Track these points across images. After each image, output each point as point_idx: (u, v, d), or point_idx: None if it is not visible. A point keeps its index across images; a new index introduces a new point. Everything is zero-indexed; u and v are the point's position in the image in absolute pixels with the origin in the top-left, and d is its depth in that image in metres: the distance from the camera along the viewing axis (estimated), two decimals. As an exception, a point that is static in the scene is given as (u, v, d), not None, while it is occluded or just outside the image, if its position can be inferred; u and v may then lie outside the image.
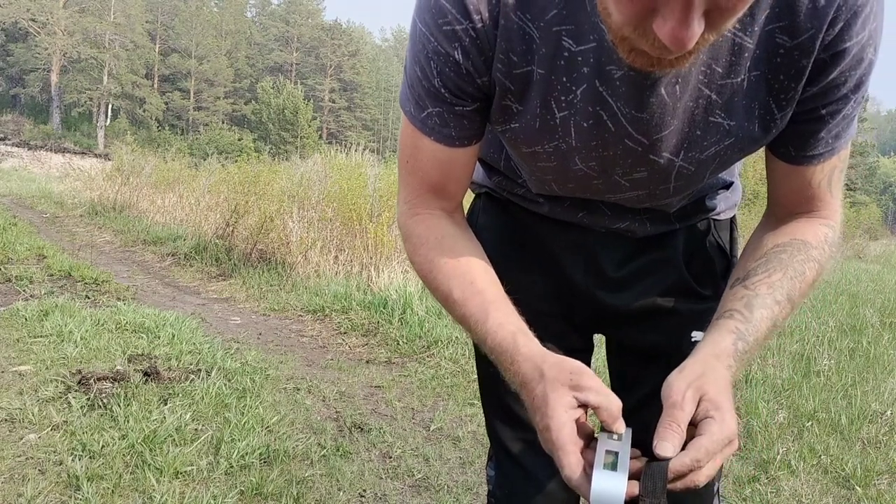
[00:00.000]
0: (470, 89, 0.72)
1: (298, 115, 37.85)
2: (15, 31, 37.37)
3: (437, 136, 0.76)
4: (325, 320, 4.67)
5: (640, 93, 0.68)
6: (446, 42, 0.69)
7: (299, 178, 7.86)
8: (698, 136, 0.70)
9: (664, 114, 0.69)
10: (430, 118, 0.75)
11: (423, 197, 0.83)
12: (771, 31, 0.64)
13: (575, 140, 0.73)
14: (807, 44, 0.64)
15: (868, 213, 25.35)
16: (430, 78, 0.72)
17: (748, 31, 0.64)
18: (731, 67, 0.66)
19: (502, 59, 0.69)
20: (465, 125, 0.76)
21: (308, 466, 2.35)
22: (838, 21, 0.62)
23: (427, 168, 0.80)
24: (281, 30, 52.31)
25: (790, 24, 0.63)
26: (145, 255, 7.40)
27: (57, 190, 13.78)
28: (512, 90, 0.72)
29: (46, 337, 3.44)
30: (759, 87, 0.67)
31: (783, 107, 0.68)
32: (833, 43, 0.63)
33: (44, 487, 2.00)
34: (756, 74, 0.66)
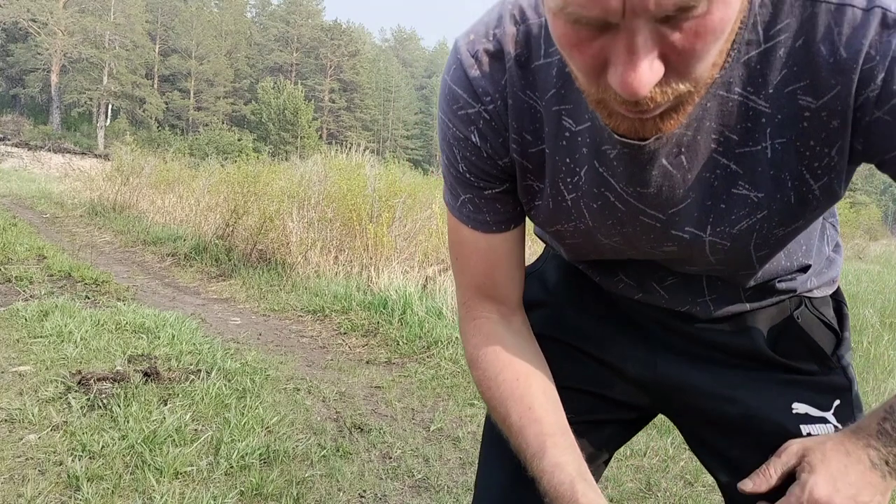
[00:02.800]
0: (494, 171, 0.72)
1: (299, 115, 37.85)
2: (15, 31, 37.37)
3: (473, 223, 0.75)
4: (325, 321, 4.67)
5: (640, 168, 0.64)
6: (463, 127, 0.69)
7: (299, 178, 7.86)
8: (723, 209, 0.64)
9: (673, 186, 0.64)
10: (464, 206, 0.75)
11: (477, 299, 0.80)
12: (792, 92, 0.56)
13: (590, 220, 0.71)
14: (834, 103, 0.56)
15: (868, 214, 25.36)
16: (456, 164, 0.72)
17: (761, 93, 0.57)
18: (748, 135, 0.60)
19: (516, 139, 0.69)
20: (499, 209, 0.75)
21: (308, 467, 2.35)
22: (876, 71, 0.53)
23: (472, 262, 0.79)
24: (281, 30, 52.31)
25: (812, 82, 0.55)
26: (145, 255, 7.40)
27: (57, 190, 13.78)
28: (530, 169, 0.71)
29: (46, 337, 3.44)
30: (788, 155, 0.59)
31: (819, 176, 0.60)
32: (883, 97, 0.54)
33: (44, 488, 2.00)
34: (781, 142, 0.59)
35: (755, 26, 0.56)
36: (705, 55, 0.48)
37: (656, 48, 0.46)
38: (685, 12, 0.44)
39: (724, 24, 0.46)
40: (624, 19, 0.45)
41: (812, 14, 0.54)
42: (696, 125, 0.60)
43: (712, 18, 0.45)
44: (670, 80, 0.48)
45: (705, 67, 0.49)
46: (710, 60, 0.49)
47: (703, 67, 0.49)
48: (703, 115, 0.59)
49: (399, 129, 55.36)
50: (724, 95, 0.58)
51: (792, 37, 0.55)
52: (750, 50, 0.56)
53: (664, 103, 0.50)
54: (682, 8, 0.44)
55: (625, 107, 0.51)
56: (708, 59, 0.49)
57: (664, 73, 0.48)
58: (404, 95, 56.50)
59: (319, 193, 7.00)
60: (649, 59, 0.46)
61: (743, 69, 0.57)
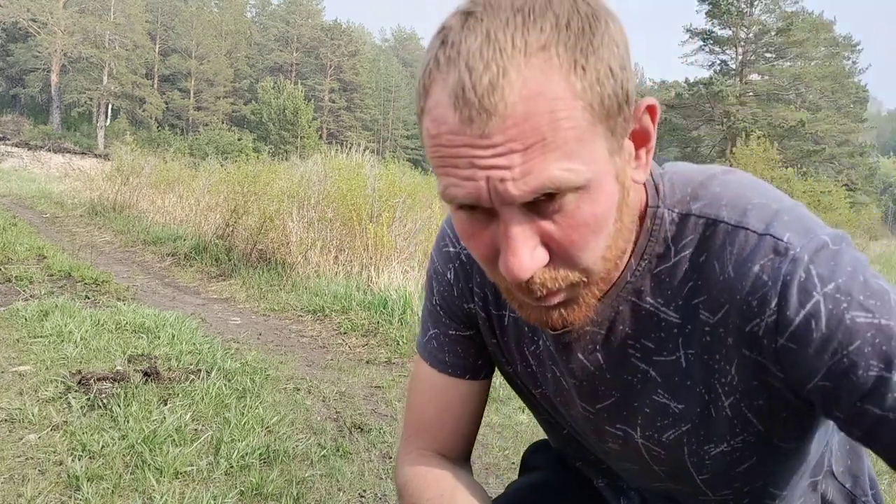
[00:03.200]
0: (460, 313, 0.74)
1: (299, 115, 37.84)
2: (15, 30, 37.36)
3: (432, 360, 0.77)
4: (325, 320, 4.67)
5: (563, 357, 0.65)
6: (443, 262, 0.74)
7: (299, 178, 7.86)
8: (647, 413, 0.64)
9: (594, 382, 0.65)
10: (430, 342, 0.77)
11: (419, 439, 0.78)
12: (695, 305, 0.57)
13: (549, 391, 0.71)
14: (726, 321, 0.55)
15: (868, 214, 25.37)
16: (431, 297, 0.76)
17: (671, 305, 0.59)
18: (662, 344, 0.60)
19: (478, 293, 0.72)
20: (459, 353, 0.76)
21: (308, 467, 2.35)
22: (769, 297, 0.52)
23: (424, 399, 0.78)
24: (281, 30, 52.30)
25: (708, 297, 0.56)
26: (145, 255, 7.39)
27: (57, 190, 13.78)
28: (493, 329, 0.73)
29: (46, 337, 3.44)
30: (699, 367, 0.59)
31: (728, 393, 0.58)
32: (780, 322, 0.52)
33: (44, 488, 2.00)
34: (692, 353, 0.59)
35: (665, 241, 0.58)
36: (585, 247, 0.51)
37: (536, 236, 0.50)
38: (550, 201, 0.49)
39: (596, 218, 0.50)
40: (497, 207, 0.49)
41: (712, 232, 0.56)
42: (609, 325, 0.62)
43: (581, 212, 0.50)
44: (558, 268, 0.52)
45: (592, 259, 0.53)
46: (597, 253, 0.53)
47: (590, 259, 0.52)
48: (616, 318, 0.61)
49: (399, 128, 55.36)
50: (635, 303, 0.60)
51: (693, 252, 0.57)
52: (660, 263, 0.59)
53: (557, 290, 0.53)
54: (545, 196, 0.48)
55: (522, 293, 0.54)
56: (592, 252, 0.52)
57: (550, 260, 0.51)
58: (404, 95, 56.48)
59: (319, 193, 7.00)
60: (529, 246, 0.50)
61: (654, 280, 0.59)
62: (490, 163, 0.47)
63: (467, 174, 0.49)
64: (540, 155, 0.47)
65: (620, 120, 0.51)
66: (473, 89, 0.46)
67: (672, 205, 0.58)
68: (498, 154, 0.47)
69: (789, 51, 31.23)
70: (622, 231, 0.55)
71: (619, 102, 0.50)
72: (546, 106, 0.46)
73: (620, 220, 0.54)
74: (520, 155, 0.47)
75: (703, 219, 0.57)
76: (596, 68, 0.48)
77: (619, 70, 0.49)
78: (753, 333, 0.54)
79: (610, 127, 0.50)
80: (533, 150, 0.47)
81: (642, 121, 0.54)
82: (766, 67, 31.54)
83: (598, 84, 0.48)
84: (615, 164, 0.51)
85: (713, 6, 31.12)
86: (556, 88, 0.46)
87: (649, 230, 0.58)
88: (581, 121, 0.48)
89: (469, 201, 0.50)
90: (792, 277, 0.52)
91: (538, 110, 0.46)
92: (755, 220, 0.55)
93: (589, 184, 0.49)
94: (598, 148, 0.49)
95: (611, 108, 0.49)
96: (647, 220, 0.59)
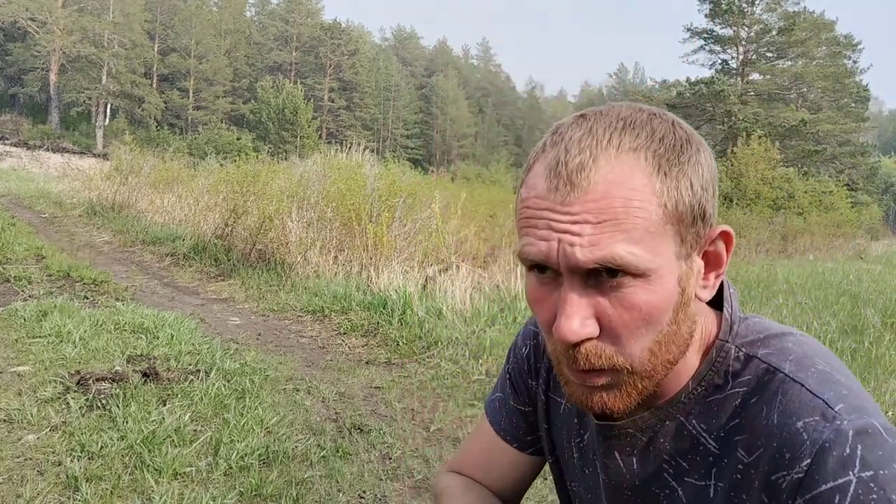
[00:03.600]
0: (524, 388, 0.81)
1: (298, 114, 37.80)
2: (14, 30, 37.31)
3: (492, 417, 0.84)
4: (325, 321, 4.66)
5: (601, 449, 0.68)
6: (524, 338, 0.82)
7: (298, 177, 7.85)
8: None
9: (623, 485, 0.67)
10: (494, 402, 0.85)
11: (467, 470, 0.85)
12: (736, 442, 0.59)
13: (582, 486, 0.74)
14: (756, 464, 0.56)
15: (869, 213, 25.37)
16: (507, 364, 0.85)
17: (713, 434, 0.60)
18: (696, 468, 0.61)
19: (544, 377, 0.78)
20: (513, 422, 0.82)
21: (307, 468, 2.34)
22: (803, 455, 0.52)
23: (476, 448, 0.85)
24: (280, 29, 52.26)
25: (748, 437, 0.57)
26: (144, 255, 7.38)
27: (55, 190, 13.77)
28: (549, 416, 0.78)
29: (45, 337, 3.43)
30: (725, 502, 0.59)
31: None
32: (804, 484, 0.52)
33: (42, 488, 1.99)
34: (722, 486, 0.60)
35: (725, 374, 0.61)
36: (635, 332, 0.55)
37: (591, 308, 0.55)
38: (611, 279, 0.54)
39: (649, 308, 0.54)
40: (563, 270, 0.54)
41: (770, 379, 0.58)
42: (652, 435, 0.64)
43: (637, 297, 0.54)
44: (605, 345, 0.56)
45: (639, 348, 0.56)
46: (644, 344, 0.56)
47: (637, 347, 0.56)
48: (660, 429, 0.64)
49: (399, 128, 55.33)
50: (682, 422, 0.63)
51: (748, 392, 0.59)
52: (715, 393, 0.61)
53: (601, 370, 0.56)
54: (607, 272, 0.53)
55: (569, 364, 0.58)
56: (640, 341, 0.55)
57: (599, 336, 0.55)
58: (404, 95, 56.44)
59: (319, 193, 6.99)
60: (582, 314, 0.54)
61: (704, 407, 0.62)
62: (564, 227, 0.54)
63: (543, 234, 0.55)
64: (609, 231, 0.53)
65: (693, 231, 0.56)
66: (566, 165, 0.54)
67: (741, 344, 0.62)
68: (573, 221, 0.53)
69: (790, 50, 31.22)
70: (676, 337, 0.58)
71: (695, 215, 0.56)
72: (624, 193, 0.53)
73: (676, 323, 0.57)
74: (591, 227, 0.53)
75: (765, 364, 0.59)
76: (677, 178, 0.55)
77: (700, 189, 0.56)
78: (776, 484, 0.55)
79: (680, 233, 0.55)
80: (604, 225, 0.53)
81: (716, 245, 0.59)
82: (767, 67, 31.52)
83: (675, 190, 0.54)
84: (679, 268, 0.56)
85: (714, 5, 31.10)
86: (637, 182, 0.53)
87: (713, 360, 0.62)
88: (653, 215, 0.53)
89: (539, 259, 0.55)
90: (831, 446, 0.52)
91: (616, 194, 0.53)
92: (814, 382, 0.56)
93: (649, 273, 0.54)
94: (665, 246, 0.54)
95: (684, 215, 0.55)
96: (713, 352, 0.62)
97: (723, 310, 0.63)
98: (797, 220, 18.89)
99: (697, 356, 0.62)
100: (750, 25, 31.50)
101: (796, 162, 26.75)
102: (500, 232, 8.17)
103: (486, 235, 7.84)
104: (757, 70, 31.93)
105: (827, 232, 17.76)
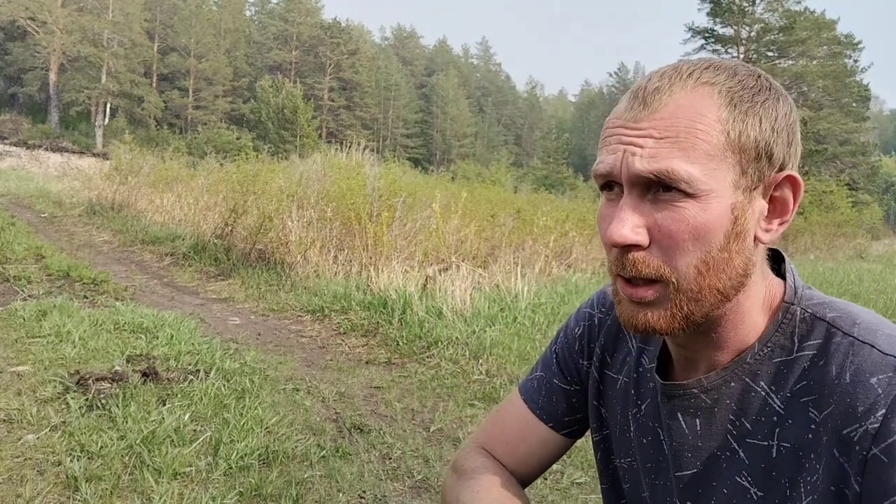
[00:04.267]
0: (573, 367, 0.83)
1: (298, 114, 37.78)
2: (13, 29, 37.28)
3: (526, 395, 0.85)
4: (325, 321, 4.66)
5: (664, 410, 0.68)
6: (577, 319, 0.84)
7: (298, 177, 7.85)
8: (724, 495, 0.64)
9: (683, 446, 0.67)
10: (531, 381, 0.86)
11: (489, 445, 0.85)
12: (804, 403, 0.60)
13: (640, 458, 0.74)
14: (827, 421, 0.57)
15: (870, 213, 25.37)
16: (553, 345, 0.86)
17: (779, 394, 0.61)
18: (760, 428, 0.62)
19: (598, 354, 0.80)
20: (553, 401, 0.83)
21: (307, 468, 2.34)
22: (877, 406, 0.54)
23: (504, 423, 0.86)
24: (280, 28, 52.21)
25: (819, 397, 0.59)
26: (144, 254, 7.38)
27: (55, 189, 13.76)
28: (602, 391, 0.79)
29: (45, 337, 3.43)
30: (789, 461, 0.60)
31: (809, 492, 0.58)
32: (881, 432, 0.53)
33: (42, 488, 1.99)
34: (785, 446, 0.60)
35: (792, 335, 0.62)
36: (682, 246, 0.57)
37: (643, 218, 0.58)
38: (665, 193, 0.57)
39: (698, 226, 0.57)
40: (624, 181, 0.58)
41: (838, 342, 0.59)
42: (717, 396, 0.65)
43: (686, 213, 0.57)
44: (654, 255, 0.58)
45: (685, 263, 0.58)
46: (691, 261, 0.58)
47: (683, 263, 0.58)
48: (725, 390, 0.64)
49: (399, 127, 55.29)
50: (748, 383, 0.63)
51: (815, 354, 0.60)
52: (782, 354, 0.62)
53: (647, 276, 0.59)
54: (662, 187, 0.57)
55: (621, 280, 0.61)
56: (686, 256, 0.58)
57: (649, 247, 0.58)
58: (404, 94, 56.40)
59: (319, 192, 6.99)
60: (633, 222, 0.58)
61: (772, 367, 0.63)
62: (630, 140, 0.58)
63: (613, 148, 0.59)
64: (669, 147, 0.56)
65: (756, 166, 0.58)
66: (644, 89, 0.59)
67: (807, 307, 0.63)
68: (639, 135, 0.57)
69: (791, 49, 31.19)
70: (727, 266, 0.59)
71: (759, 151, 0.58)
72: (691, 116, 0.57)
73: (728, 251, 0.59)
74: (654, 140, 0.57)
75: (833, 328, 0.60)
76: (746, 113, 0.58)
77: (769, 129, 0.58)
78: (849, 438, 0.56)
79: (741, 163, 0.58)
80: (666, 141, 0.56)
81: (783, 191, 0.61)
82: (767, 66, 31.46)
83: (742, 123, 0.57)
84: (735, 197, 0.58)
85: (715, 5, 31.08)
86: (705, 110, 0.57)
87: (779, 322, 0.63)
88: (715, 141, 0.56)
89: (606, 171, 0.59)
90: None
91: (682, 115, 0.57)
92: (884, 343, 0.58)
93: (702, 193, 0.56)
94: (723, 172, 0.57)
95: (747, 148, 0.57)
96: (780, 313, 0.63)
97: (785, 278, 0.64)
98: (798, 219, 18.89)
99: (764, 317, 0.63)
100: (751, 24, 31.47)
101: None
102: (500, 232, 8.17)
103: (486, 235, 7.84)
104: (758, 69, 31.89)
105: (828, 232, 17.77)
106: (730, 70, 0.60)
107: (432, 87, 59.35)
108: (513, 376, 3.53)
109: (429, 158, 52.77)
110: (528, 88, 77.97)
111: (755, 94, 0.59)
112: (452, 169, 34.89)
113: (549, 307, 4.94)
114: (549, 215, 8.58)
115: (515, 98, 73.47)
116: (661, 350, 0.71)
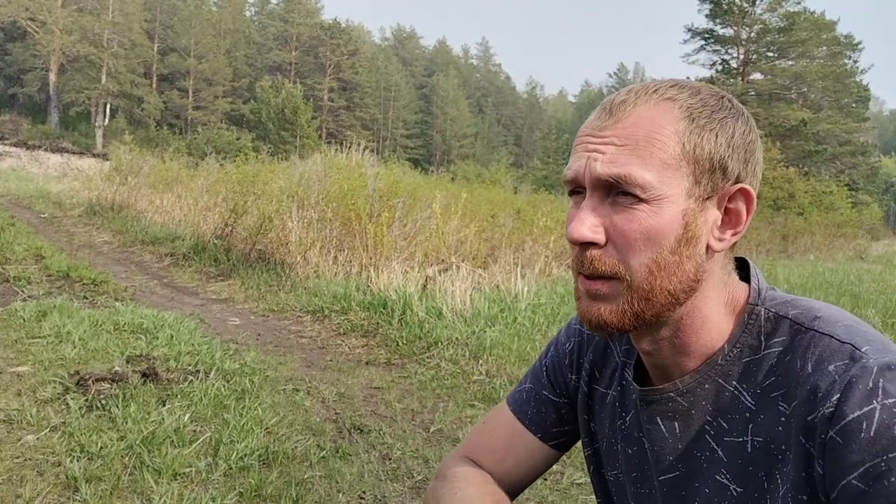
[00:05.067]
0: (562, 380, 0.84)
1: (298, 114, 37.78)
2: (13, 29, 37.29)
3: (515, 407, 0.86)
4: (325, 321, 4.66)
5: (646, 419, 0.70)
6: (568, 335, 0.86)
7: (298, 177, 7.84)
8: (706, 494, 0.67)
9: (665, 450, 0.69)
10: (520, 393, 0.87)
11: (476, 455, 0.86)
12: (774, 398, 0.63)
13: (625, 469, 0.76)
14: (795, 411, 0.60)
15: (870, 213, 25.37)
16: (544, 358, 0.88)
17: (750, 391, 0.64)
18: (733, 425, 0.65)
19: (587, 369, 0.82)
20: (542, 412, 0.85)
21: (307, 468, 2.34)
22: (832, 391, 0.57)
23: (489, 434, 0.87)
24: (280, 29, 52.22)
25: (787, 391, 0.62)
26: (143, 255, 7.38)
27: (55, 190, 13.76)
28: (591, 406, 0.81)
29: (44, 338, 3.43)
30: (763, 455, 0.63)
31: (784, 482, 0.60)
32: (835, 415, 0.56)
33: (42, 489, 1.99)
34: (758, 441, 0.63)
35: (758, 335, 0.66)
36: (634, 246, 0.61)
37: (600, 220, 0.63)
38: (623, 197, 0.61)
39: (649, 229, 0.61)
40: (587, 185, 0.63)
41: (802, 337, 0.63)
42: (692, 398, 0.67)
43: (639, 216, 0.61)
44: (609, 253, 0.63)
45: (638, 263, 0.62)
46: (643, 261, 0.62)
47: (636, 262, 0.62)
48: (700, 392, 0.67)
49: (399, 128, 55.30)
50: (721, 384, 0.66)
51: (782, 351, 0.64)
52: (751, 353, 0.66)
53: (602, 276, 0.63)
54: (620, 193, 0.61)
55: (580, 275, 0.65)
56: (639, 257, 0.62)
57: (605, 245, 0.63)
58: (404, 94, 56.42)
59: (319, 193, 6.98)
60: (591, 220, 0.62)
61: (742, 367, 0.66)
62: (595, 147, 0.63)
63: (579, 156, 0.64)
64: (628, 154, 0.61)
65: (709, 177, 0.62)
66: (612, 101, 0.64)
67: (770, 307, 0.66)
68: (602, 143, 0.62)
69: (791, 50, 31.20)
70: (678, 269, 0.63)
71: (714, 164, 0.62)
72: (650, 127, 0.62)
73: (678, 255, 0.63)
74: (615, 147, 0.62)
75: (796, 325, 0.64)
76: (703, 128, 0.62)
77: (724, 145, 0.63)
78: (811, 423, 0.58)
79: (695, 174, 0.62)
80: (626, 148, 0.61)
81: (736, 202, 0.64)
82: (767, 67, 31.50)
83: (699, 137, 0.62)
84: (688, 204, 0.62)
85: (715, 5, 31.09)
86: (664, 122, 0.62)
87: (745, 323, 0.66)
88: (671, 151, 0.61)
89: (571, 177, 0.65)
90: (857, 380, 0.56)
91: (643, 126, 0.62)
92: (842, 332, 0.61)
93: (655, 199, 0.61)
94: (677, 180, 0.62)
95: (701, 159, 0.62)
96: (745, 315, 0.66)
97: (750, 282, 0.68)
98: (798, 220, 18.91)
99: (730, 321, 0.67)
100: (750, 25, 31.48)
101: (797, 162, 26.73)
102: (500, 232, 8.17)
103: (486, 235, 7.84)
104: (757, 70, 31.92)
105: (827, 232, 17.77)
106: (693, 89, 0.65)
107: (432, 87, 59.35)
108: (513, 377, 3.52)
109: (429, 159, 52.78)
110: (527, 89, 78.00)
111: (714, 111, 0.63)
112: (452, 169, 34.89)
113: (549, 308, 4.94)
114: (549, 216, 8.58)
115: (515, 98, 73.49)
116: (637, 360, 0.74)
